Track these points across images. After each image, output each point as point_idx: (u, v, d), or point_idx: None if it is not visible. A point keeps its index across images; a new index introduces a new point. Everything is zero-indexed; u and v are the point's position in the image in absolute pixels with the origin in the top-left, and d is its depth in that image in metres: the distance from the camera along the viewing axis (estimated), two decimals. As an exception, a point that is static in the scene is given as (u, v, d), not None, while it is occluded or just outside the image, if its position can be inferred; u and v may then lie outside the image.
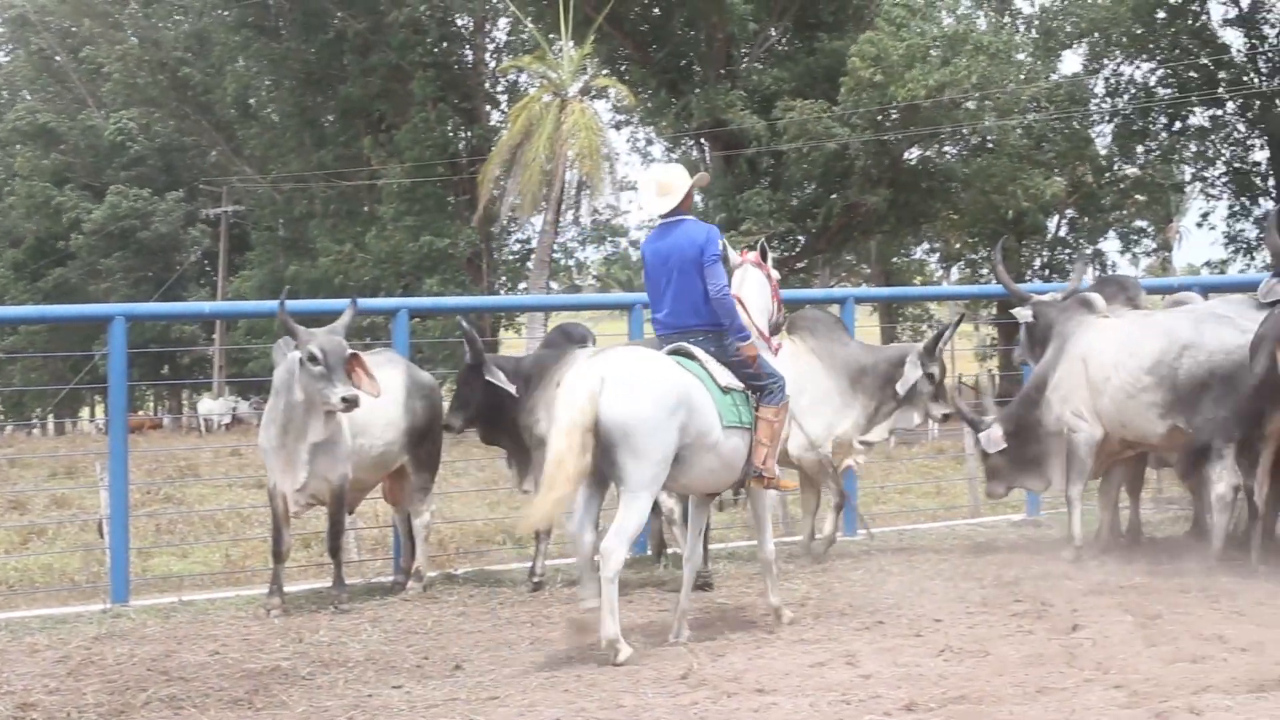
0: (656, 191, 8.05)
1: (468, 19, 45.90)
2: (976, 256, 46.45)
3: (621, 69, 39.43)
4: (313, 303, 16.11)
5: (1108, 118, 42.92)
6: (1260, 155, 42.67)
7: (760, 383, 7.92)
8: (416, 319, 12.67)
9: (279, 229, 50.69)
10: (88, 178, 54.94)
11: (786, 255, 36.09)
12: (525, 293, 41.26)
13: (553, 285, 43.68)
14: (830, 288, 40.75)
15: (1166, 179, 42.98)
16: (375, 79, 43.63)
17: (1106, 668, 6.67)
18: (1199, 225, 45.69)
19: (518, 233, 46.21)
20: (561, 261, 50.00)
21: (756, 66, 37.87)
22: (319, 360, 8.66)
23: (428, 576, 9.93)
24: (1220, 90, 41.06)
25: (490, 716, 6.31)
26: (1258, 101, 41.16)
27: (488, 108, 46.85)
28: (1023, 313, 10.90)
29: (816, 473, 10.47)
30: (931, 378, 10.63)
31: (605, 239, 52.06)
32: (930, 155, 37.68)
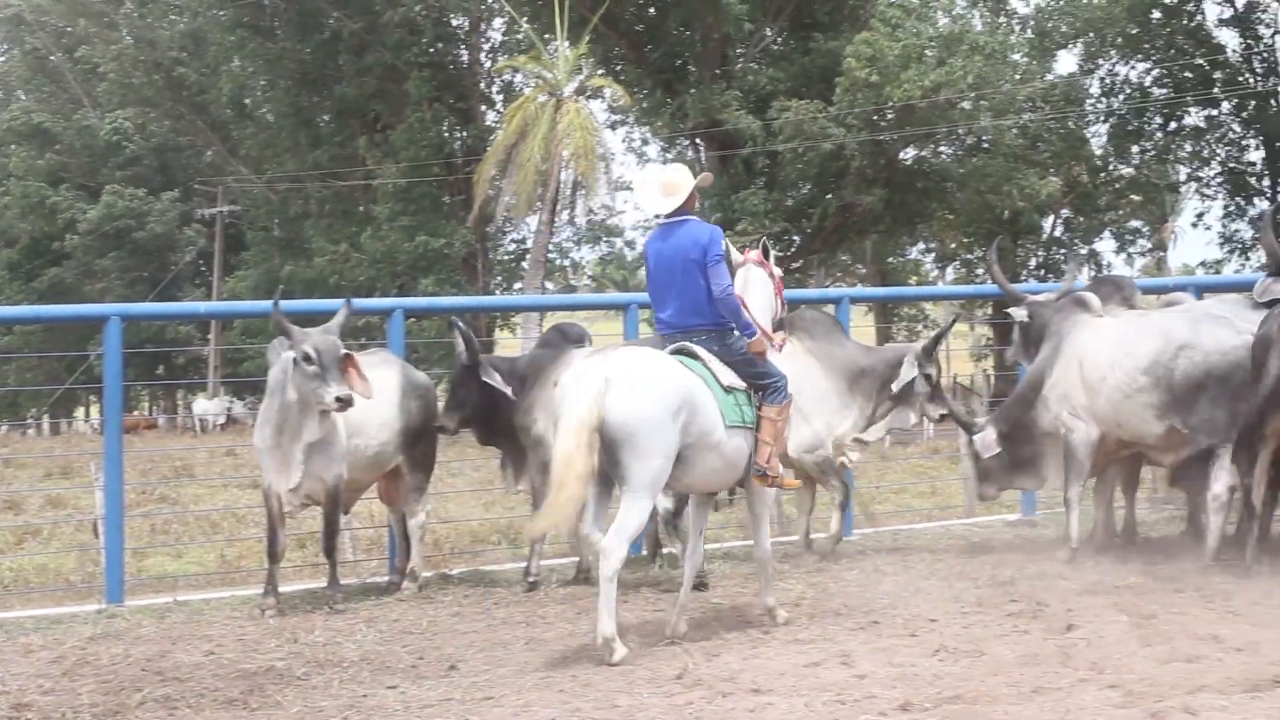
0: (660, 191, 8.05)
1: (463, 19, 45.86)
2: (972, 256, 46.52)
3: (617, 69, 39.45)
4: (307, 303, 16.07)
5: (1103, 118, 43.00)
6: (1255, 155, 42.80)
7: (763, 382, 7.94)
8: (412, 319, 12.64)
9: (274, 229, 50.65)
10: (83, 178, 54.90)
11: (782, 255, 36.02)
12: (520, 293, 41.26)
13: (548, 285, 43.70)
14: (825, 288, 40.77)
15: (1162, 179, 43.02)
16: (370, 79, 43.60)
17: (1101, 667, 6.67)
18: (1194, 225, 45.78)
19: (513, 233, 46.25)
20: (557, 261, 50.08)
21: (752, 66, 37.89)
22: (313, 360, 8.66)
23: (423, 577, 9.92)
24: (1215, 90, 41.11)
25: (485, 717, 6.31)
26: (1253, 101, 41.23)
27: (483, 108, 46.84)
28: (1018, 312, 10.91)
29: (817, 473, 10.48)
30: (929, 378, 10.65)
31: (600, 239, 52.14)
32: (926, 155, 37.69)
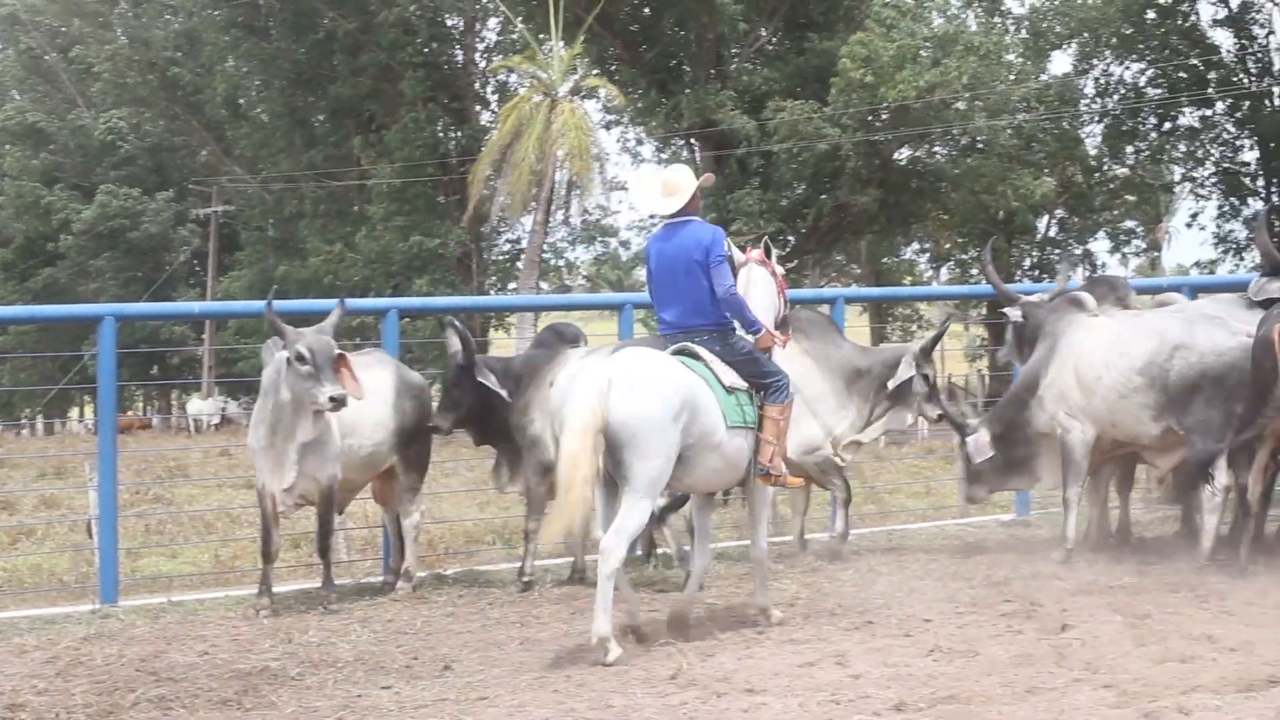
0: (663, 192, 8.08)
1: (458, 19, 45.79)
2: (966, 257, 46.49)
3: (611, 69, 39.37)
4: (301, 303, 16.07)
5: (1097, 118, 42.95)
6: (1249, 155, 42.74)
7: (764, 381, 7.96)
8: (406, 319, 12.63)
9: (269, 229, 50.55)
10: (77, 177, 54.80)
11: (777, 255, 35.95)
12: (515, 293, 41.19)
13: (543, 285, 43.64)
14: (820, 288, 40.76)
15: (1156, 179, 43.02)
16: (365, 79, 43.51)
17: (1095, 667, 6.68)
18: (1188, 225, 45.66)
19: (508, 233, 46.19)
20: (551, 262, 49.99)
21: (747, 67, 37.83)
22: (306, 360, 8.66)
23: (417, 577, 9.92)
24: (1210, 91, 41.09)
25: (479, 717, 6.32)
26: (1247, 102, 41.21)
27: (478, 108, 46.73)
28: (1013, 313, 10.91)
29: (818, 473, 10.47)
30: (927, 378, 10.64)
31: (595, 239, 52.05)
32: (920, 156, 37.64)
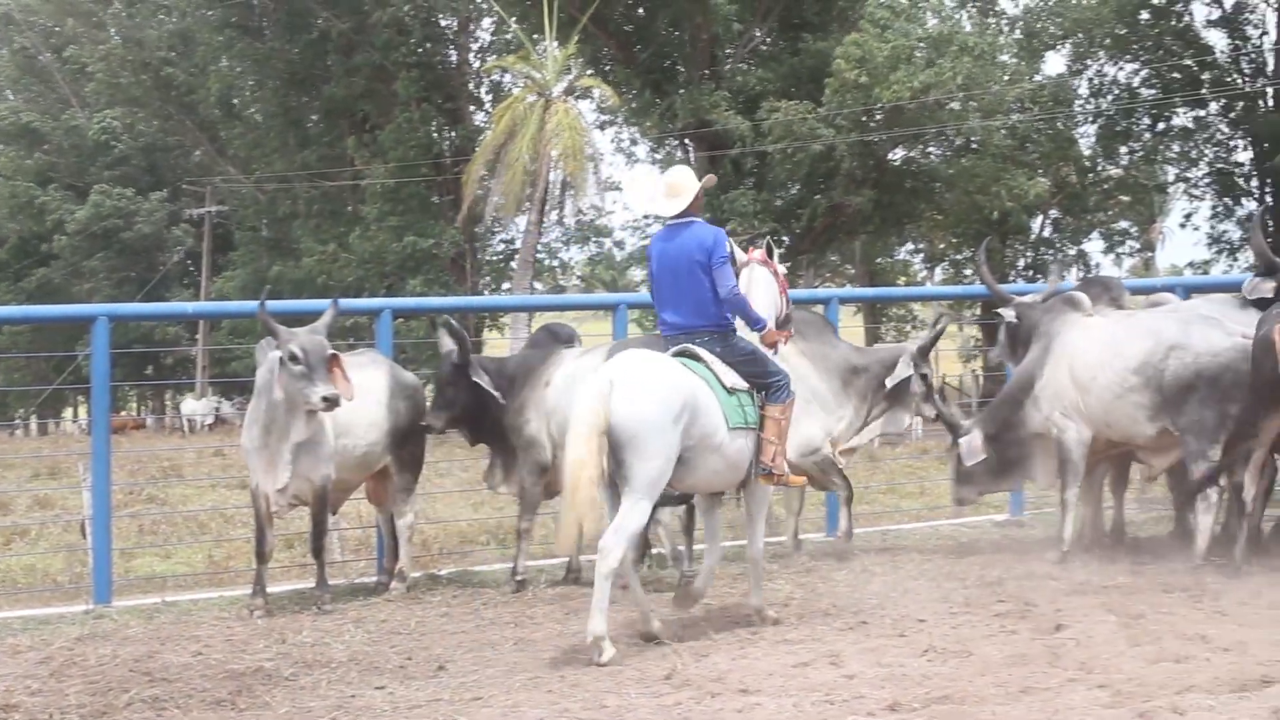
0: (665, 193, 8.10)
1: (452, 19, 45.83)
2: (960, 257, 46.53)
3: (606, 69, 39.37)
4: (295, 303, 16.08)
5: (1091, 118, 43.00)
6: (1243, 156, 42.74)
7: (766, 381, 7.97)
8: (400, 319, 12.63)
9: (262, 229, 50.56)
10: (71, 178, 54.75)
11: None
12: (509, 293, 41.17)
13: (537, 285, 43.65)
14: (814, 288, 40.75)
15: (1150, 180, 43.05)
16: (359, 79, 43.52)
17: (1090, 668, 6.68)
18: (1182, 226, 45.75)
19: (502, 233, 46.21)
20: (545, 262, 49.96)
21: (741, 67, 37.87)
22: (299, 359, 8.65)
23: (411, 577, 9.91)
24: (1203, 91, 41.12)
25: (474, 717, 6.31)
26: (1241, 102, 41.24)
27: (472, 108, 46.75)
28: (1007, 313, 10.90)
29: (818, 473, 10.46)
30: (925, 378, 10.64)
31: (589, 239, 52.01)
32: (915, 156, 37.68)
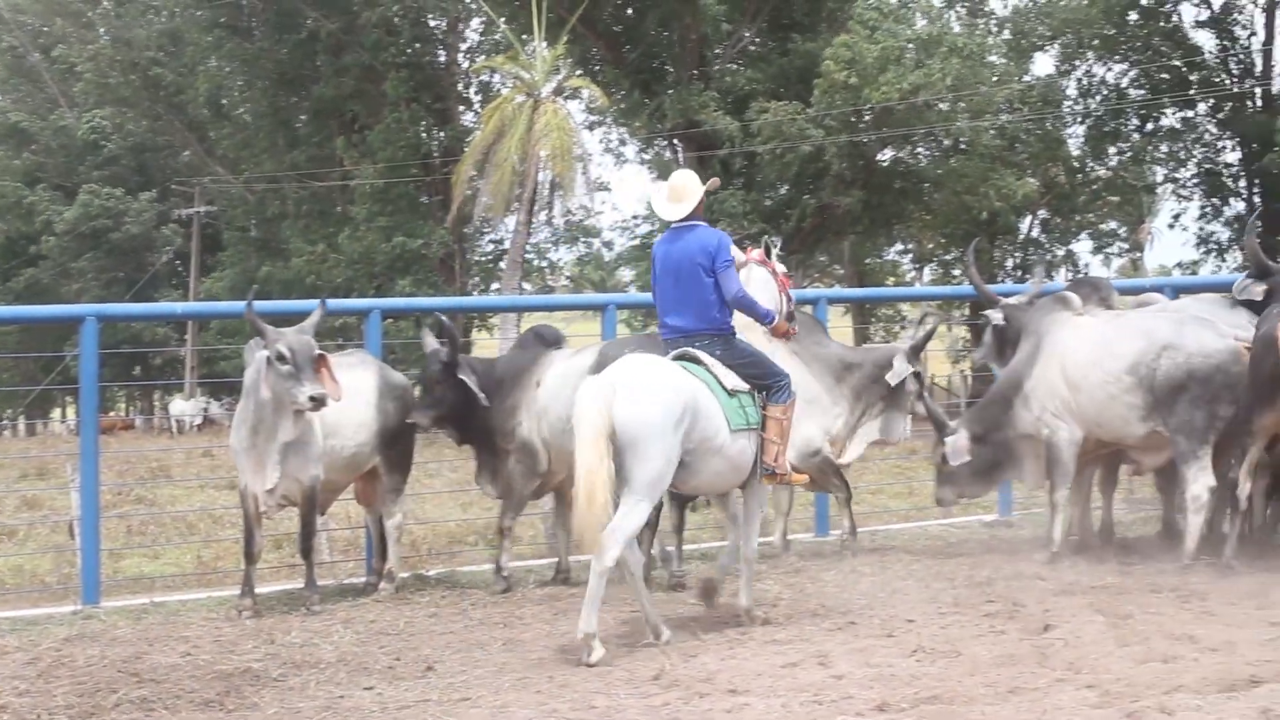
0: (669, 197, 8.12)
1: (441, 19, 45.78)
2: (949, 257, 46.57)
3: (594, 69, 39.33)
4: (283, 303, 16.05)
5: (1080, 119, 43.05)
6: (1231, 156, 42.82)
7: (767, 382, 7.99)
8: (389, 320, 12.62)
9: (251, 229, 50.45)
10: (59, 178, 54.61)
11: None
12: (498, 293, 41.12)
13: (525, 286, 43.57)
14: (803, 288, 40.75)
15: (1138, 180, 43.11)
16: (348, 79, 43.45)
17: (1078, 668, 6.69)
18: (1170, 226, 45.81)
19: (490, 233, 46.15)
20: (534, 262, 49.92)
21: (730, 67, 37.85)
22: (287, 359, 8.65)
23: (400, 578, 9.91)
24: (1192, 92, 41.19)
25: (462, 718, 6.32)
26: (1229, 103, 41.32)
27: (460, 108, 46.68)
28: (994, 314, 10.91)
29: (818, 474, 10.46)
30: (918, 376, 10.67)
31: (578, 240, 51.98)
32: (903, 157, 37.69)
